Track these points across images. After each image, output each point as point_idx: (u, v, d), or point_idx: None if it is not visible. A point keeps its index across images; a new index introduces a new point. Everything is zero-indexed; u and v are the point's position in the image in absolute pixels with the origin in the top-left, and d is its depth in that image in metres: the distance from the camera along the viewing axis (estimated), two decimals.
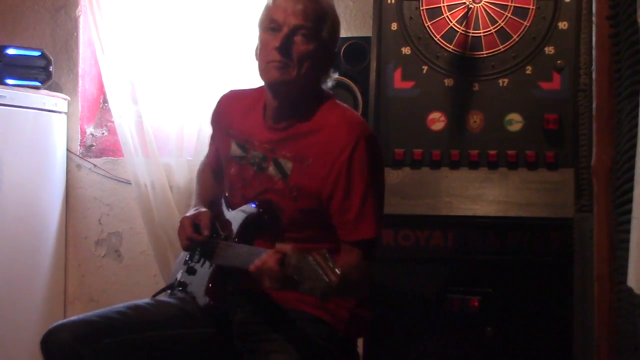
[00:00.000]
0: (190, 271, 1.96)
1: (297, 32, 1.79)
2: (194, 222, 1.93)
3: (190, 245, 1.94)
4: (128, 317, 1.81)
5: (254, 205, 1.89)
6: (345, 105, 1.95)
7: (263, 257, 1.58)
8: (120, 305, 1.86)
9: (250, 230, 1.85)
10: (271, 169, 1.87)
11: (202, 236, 1.91)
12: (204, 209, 1.98)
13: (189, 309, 1.88)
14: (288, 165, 1.84)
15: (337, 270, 1.44)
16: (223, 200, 2.04)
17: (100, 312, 1.82)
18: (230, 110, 2.01)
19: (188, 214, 1.97)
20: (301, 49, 1.79)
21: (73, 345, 1.70)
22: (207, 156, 2.17)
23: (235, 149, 1.96)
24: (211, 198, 2.07)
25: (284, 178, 1.84)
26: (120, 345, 1.75)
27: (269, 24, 1.82)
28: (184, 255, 2.04)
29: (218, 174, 2.09)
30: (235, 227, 1.90)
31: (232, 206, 1.97)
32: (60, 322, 1.79)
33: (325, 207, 1.81)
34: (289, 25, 1.79)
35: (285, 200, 1.84)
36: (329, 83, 1.91)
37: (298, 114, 1.85)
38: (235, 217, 1.93)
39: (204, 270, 1.92)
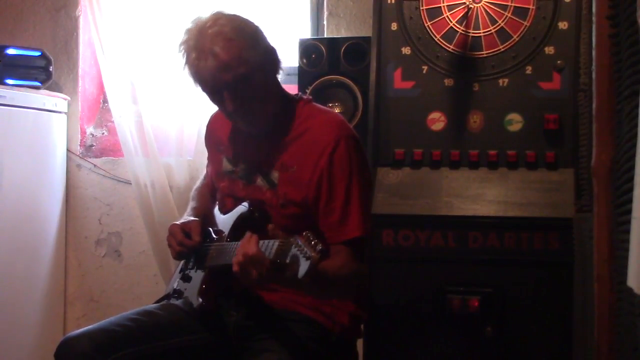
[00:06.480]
0: (186, 278, 1.96)
1: (234, 87, 1.76)
2: (183, 229, 1.94)
3: (182, 252, 1.93)
4: (142, 325, 1.80)
5: (245, 205, 1.90)
6: (321, 107, 1.96)
7: (241, 244, 1.57)
8: (132, 312, 1.86)
9: (242, 227, 1.85)
10: (259, 180, 1.89)
11: (193, 241, 1.91)
12: (193, 217, 1.99)
13: (191, 313, 1.88)
14: (275, 175, 1.85)
15: (318, 247, 1.44)
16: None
17: (115, 321, 1.81)
18: (219, 127, 2.03)
19: (177, 222, 1.97)
20: (247, 97, 1.77)
21: (93, 356, 1.68)
22: (205, 177, 2.18)
23: (226, 165, 1.99)
24: (205, 212, 2.07)
25: (272, 188, 1.86)
26: (137, 355, 1.75)
27: (206, 92, 1.83)
28: (179, 266, 2.04)
29: (215, 194, 2.09)
30: (227, 228, 1.91)
31: None
32: (77, 331, 1.78)
33: (312, 211, 1.81)
34: (221, 87, 1.76)
35: (273, 208, 1.85)
36: (281, 76, 1.88)
37: (276, 128, 1.87)
38: (227, 219, 1.94)
39: (199, 275, 1.92)
